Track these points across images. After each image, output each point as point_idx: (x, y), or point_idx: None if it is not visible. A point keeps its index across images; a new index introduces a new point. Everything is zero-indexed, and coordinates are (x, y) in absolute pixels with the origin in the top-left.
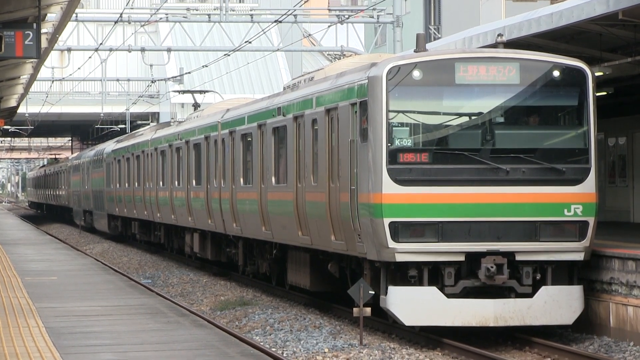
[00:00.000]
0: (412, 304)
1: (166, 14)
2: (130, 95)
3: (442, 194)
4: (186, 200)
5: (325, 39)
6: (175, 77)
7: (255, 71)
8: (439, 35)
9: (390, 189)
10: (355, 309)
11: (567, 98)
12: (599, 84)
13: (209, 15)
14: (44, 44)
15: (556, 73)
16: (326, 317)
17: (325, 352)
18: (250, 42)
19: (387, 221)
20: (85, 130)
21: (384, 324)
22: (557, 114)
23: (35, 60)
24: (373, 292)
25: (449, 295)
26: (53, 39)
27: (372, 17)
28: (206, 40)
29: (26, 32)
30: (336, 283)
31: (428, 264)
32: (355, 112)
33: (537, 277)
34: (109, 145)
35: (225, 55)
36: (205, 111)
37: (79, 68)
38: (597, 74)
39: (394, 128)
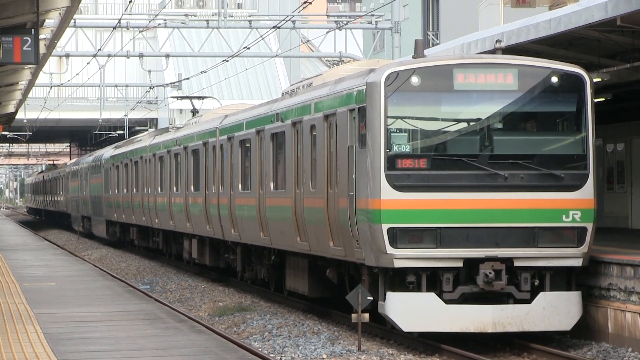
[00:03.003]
0: (411, 310)
1: (164, 20)
2: (128, 101)
3: (441, 200)
4: (184, 206)
5: (324, 44)
6: (174, 82)
7: (254, 77)
8: (438, 41)
9: (388, 194)
10: (353, 315)
11: (565, 104)
12: (598, 90)
13: (207, 21)
14: (42, 49)
15: (554, 79)
16: (324, 323)
17: (323, 358)
18: (248, 48)
19: (385, 227)
20: (84, 136)
21: (383, 330)
22: (556, 120)
23: (33, 66)
24: (371, 298)
25: (447, 301)
26: (51, 44)
27: (371, 23)
28: (204, 46)
29: (24, 38)
30: (334, 289)
31: (426, 270)
32: (354, 118)
33: (536, 283)
34: (108, 151)
35: (223, 61)
36: (203, 117)
37: (77, 74)
38: (595, 80)
39: (392, 134)
